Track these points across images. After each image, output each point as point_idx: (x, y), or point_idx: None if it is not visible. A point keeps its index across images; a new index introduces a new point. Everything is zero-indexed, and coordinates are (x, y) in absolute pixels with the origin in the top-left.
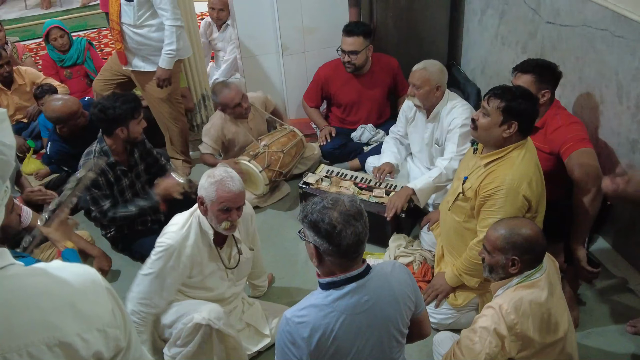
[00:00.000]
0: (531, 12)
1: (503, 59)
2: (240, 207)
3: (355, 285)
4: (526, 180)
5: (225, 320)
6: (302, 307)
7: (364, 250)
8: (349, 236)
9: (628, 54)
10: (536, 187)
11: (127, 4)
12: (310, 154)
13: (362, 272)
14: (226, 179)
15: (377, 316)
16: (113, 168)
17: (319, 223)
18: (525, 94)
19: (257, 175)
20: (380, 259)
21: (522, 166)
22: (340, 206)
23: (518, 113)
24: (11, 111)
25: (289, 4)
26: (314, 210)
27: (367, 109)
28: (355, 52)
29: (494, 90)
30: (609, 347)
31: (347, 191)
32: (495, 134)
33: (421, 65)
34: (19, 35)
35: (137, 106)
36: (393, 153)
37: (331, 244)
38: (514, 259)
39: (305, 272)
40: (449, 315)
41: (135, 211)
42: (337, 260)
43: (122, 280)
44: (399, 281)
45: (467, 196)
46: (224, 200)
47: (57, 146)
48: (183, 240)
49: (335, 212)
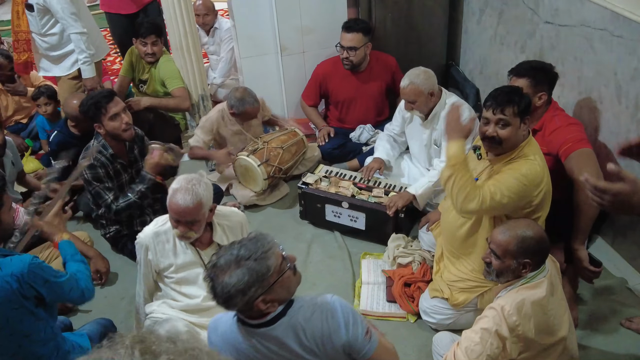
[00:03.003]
0: (530, 12)
1: (502, 59)
2: (193, 221)
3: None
4: (540, 178)
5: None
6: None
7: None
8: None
9: (627, 54)
10: (545, 188)
11: (30, 14)
12: (311, 155)
13: (263, 323)
14: (180, 191)
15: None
16: (113, 162)
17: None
18: (516, 89)
19: (255, 170)
20: (379, 258)
21: (537, 166)
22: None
23: (527, 108)
24: (10, 111)
25: (288, 4)
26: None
27: (364, 106)
28: (353, 49)
29: (499, 99)
30: (608, 346)
31: (346, 191)
32: (518, 138)
33: (406, 81)
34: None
35: (104, 101)
36: (385, 149)
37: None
38: (526, 262)
39: (304, 272)
40: (448, 315)
41: (135, 197)
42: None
43: (122, 280)
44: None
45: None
46: (170, 210)
47: (61, 137)
48: (152, 234)
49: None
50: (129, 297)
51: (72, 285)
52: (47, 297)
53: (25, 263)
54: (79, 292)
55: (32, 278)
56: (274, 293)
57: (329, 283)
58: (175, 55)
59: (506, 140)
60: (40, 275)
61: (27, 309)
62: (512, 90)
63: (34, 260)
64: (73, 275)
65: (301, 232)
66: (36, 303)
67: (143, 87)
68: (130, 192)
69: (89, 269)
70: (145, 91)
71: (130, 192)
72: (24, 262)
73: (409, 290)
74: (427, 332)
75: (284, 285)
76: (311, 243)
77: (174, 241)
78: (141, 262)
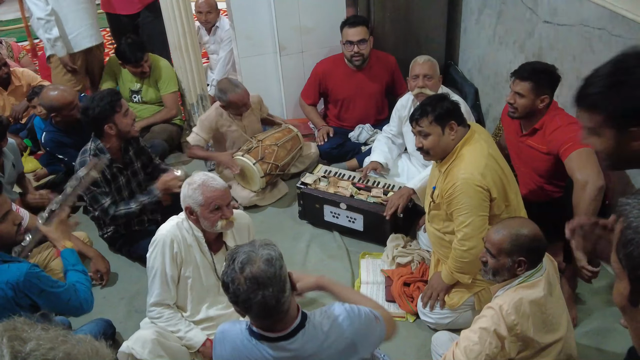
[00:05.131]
0: (528, 11)
1: (500, 59)
2: (229, 203)
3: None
4: (477, 170)
5: (152, 347)
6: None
7: (284, 310)
8: (255, 305)
9: None
10: (491, 175)
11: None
12: (308, 152)
13: (283, 336)
14: (208, 180)
15: None
16: (109, 166)
17: (228, 285)
18: (438, 97)
19: (251, 169)
20: (378, 258)
21: (471, 158)
22: (252, 267)
23: (446, 115)
24: (7, 112)
25: (287, 4)
26: (227, 269)
27: (363, 105)
28: (363, 41)
29: (414, 112)
30: (607, 346)
31: (345, 191)
32: (445, 143)
33: (426, 57)
34: (16, 36)
35: (115, 99)
36: (383, 152)
37: (240, 308)
38: (521, 260)
39: (303, 272)
40: (445, 315)
41: (136, 207)
42: (254, 321)
43: (121, 281)
44: (335, 341)
45: (437, 202)
46: (212, 199)
47: (52, 135)
48: (169, 234)
49: (242, 276)
50: (128, 297)
51: (71, 295)
52: (42, 307)
53: (22, 272)
54: (77, 303)
55: (28, 287)
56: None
57: None
58: (174, 55)
59: (432, 149)
60: (36, 285)
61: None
62: (427, 103)
63: (32, 269)
64: (72, 285)
65: (300, 232)
66: (32, 311)
67: (137, 97)
68: (133, 202)
69: (89, 280)
70: (141, 101)
71: (134, 202)
72: (20, 271)
73: (408, 289)
74: (426, 331)
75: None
76: (310, 243)
77: (183, 236)
78: (166, 262)
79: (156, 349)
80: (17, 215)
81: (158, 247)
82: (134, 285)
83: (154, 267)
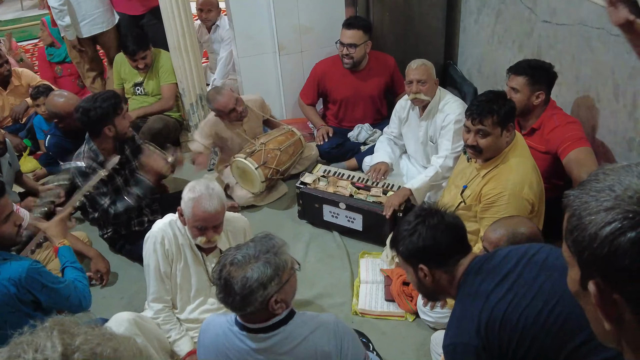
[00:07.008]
0: (527, 11)
1: (499, 58)
2: (218, 225)
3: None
4: (527, 183)
5: (128, 326)
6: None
7: (258, 308)
8: (228, 306)
9: (624, 53)
10: (537, 188)
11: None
12: (308, 154)
13: (263, 328)
14: (203, 198)
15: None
16: (104, 167)
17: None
18: (500, 95)
19: (253, 173)
20: (378, 258)
21: (520, 170)
22: (230, 273)
23: (509, 116)
24: (7, 112)
25: (286, 3)
26: (215, 268)
27: (363, 106)
28: (354, 45)
29: (478, 109)
30: None
31: (344, 191)
32: (500, 145)
33: (419, 62)
34: (15, 36)
35: (118, 101)
36: (387, 152)
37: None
38: None
39: (303, 272)
40: (445, 314)
41: (133, 201)
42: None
43: (121, 281)
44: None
45: (468, 204)
46: (199, 219)
47: (56, 140)
48: (160, 231)
49: (219, 275)
50: (128, 297)
51: (71, 292)
52: (44, 303)
53: (24, 268)
54: (76, 300)
55: (30, 283)
56: (284, 293)
57: (327, 282)
58: (173, 54)
59: (486, 149)
60: (38, 281)
61: (25, 313)
62: (492, 99)
63: (33, 265)
64: (72, 282)
65: (299, 232)
66: (34, 307)
67: (140, 88)
68: (129, 197)
69: (86, 278)
70: (143, 92)
71: (130, 197)
72: (22, 267)
73: (408, 289)
74: (426, 330)
75: (292, 285)
76: (309, 243)
77: (174, 234)
78: (159, 258)
79: (132, 328)
80: (18, 217)
81: (150, 243)
82: (133, 285)
83: (149, 264)
